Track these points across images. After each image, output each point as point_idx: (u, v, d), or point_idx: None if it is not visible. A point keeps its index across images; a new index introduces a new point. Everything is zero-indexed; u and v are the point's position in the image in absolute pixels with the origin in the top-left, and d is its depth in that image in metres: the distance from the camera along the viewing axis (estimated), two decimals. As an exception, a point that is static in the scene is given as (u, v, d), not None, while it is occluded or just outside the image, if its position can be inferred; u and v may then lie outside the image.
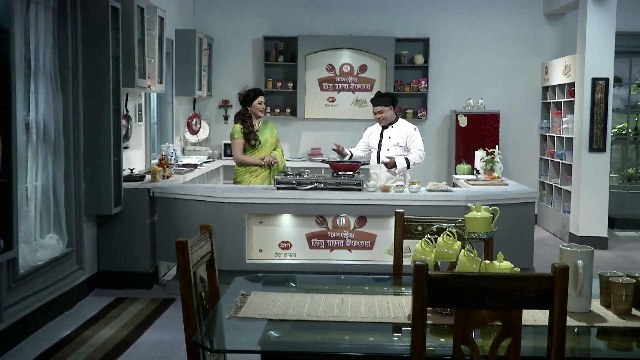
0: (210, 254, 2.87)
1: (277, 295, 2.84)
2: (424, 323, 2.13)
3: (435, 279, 2.12)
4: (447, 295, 2.14)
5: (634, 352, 2.44)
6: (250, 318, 2.54)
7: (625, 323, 2.54)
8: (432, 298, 2.13)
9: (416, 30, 9.93)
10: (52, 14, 5.45)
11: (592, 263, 2.66)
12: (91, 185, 5.96)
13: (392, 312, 2.62)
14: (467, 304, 2.14)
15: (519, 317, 2.14)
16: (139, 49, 6.61)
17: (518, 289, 2.12)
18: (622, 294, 2.62)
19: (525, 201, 6.25)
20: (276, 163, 6.51)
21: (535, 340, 2.40)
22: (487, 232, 2.60)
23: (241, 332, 2.46)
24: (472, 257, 2.58)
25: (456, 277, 2.14)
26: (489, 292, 2.12)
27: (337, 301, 2.76)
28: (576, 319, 2.58)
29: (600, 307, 2.71)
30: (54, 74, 5.46)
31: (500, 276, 2.13)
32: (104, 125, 5.96)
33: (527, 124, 10.10)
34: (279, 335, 2.40)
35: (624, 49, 9.89)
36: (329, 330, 2.49)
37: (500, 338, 2.15)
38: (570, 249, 2.64)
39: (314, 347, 2.36)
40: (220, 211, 6.02)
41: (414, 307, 2.13)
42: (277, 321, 2.52)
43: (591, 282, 2.66)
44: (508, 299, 2.12)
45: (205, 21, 9.92)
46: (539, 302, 2.13)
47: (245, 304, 2.71)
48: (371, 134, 6.77)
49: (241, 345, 2.36)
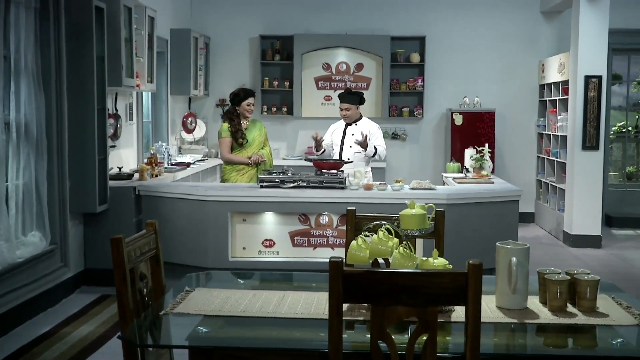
0: (155, 250, 2.90)
1: (220, 292, 2.86)
2: (340, 319, 2.16)
3: (350, 275, 2.14)
4: (363, 291, 2.16)
5: (562, 349, 2.44)
6: (185, 314, 2.57)
7: (556, 320, 2.54)
8: (347, 294, 2.16)
9: (412, 28, 9.92)
10: (33, 14, 5.51)
11: (527, 260, 2.66)
12: (76, 184, 6.02)
13: (327, 309, 2.64)
14: (382, 301, 2.16)
15: (434, 314, 2.16)
16: (126, 49, 6.66)
17: (433, 286, 2.14)
18: (557, 290, 2.62)
19: (508, 199, 6.24)
20: (263, 162, 6.56)
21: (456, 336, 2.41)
22: (420, 229, 2.61)
23: (173, 328, 2.50)
24: (406, 254, 2.59)
25: (370, 273, 2.15)
26: (404, 289, 2.14)
27: (277, 298, 2.79)
28: (510, 315, 2.59)
29: (538, 303, 2.72)
30: (35, 73, 5.53)
31: (415, 273, 2.15)
32: (89, 124, 6.01)
33: (524, 122, 10.06)
34: (207, 330, 2.43)
35: (622, 46, 9.84)
36: (261, 326, 2.51)
37: (417, 334, 2.17)
38: (505, 246, 2.64)
39: (238, 342, 2.38)
40: (203, 209, 6.06)
41: (330, 303, 2.16)
42: (212, 317, 2.55)
43: (527, 279, 2.66)
44: (423, 295, 2.14)
45: (202, 21, 9.98)
46: (453, 299, 2.15)
47: (185, 300, 2.74)
48: (334, 131, 6.82)
49: (168, 341, 2.40)
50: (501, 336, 2.50)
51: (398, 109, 9.98)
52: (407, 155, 10.10)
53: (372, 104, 9.90)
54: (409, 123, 10.07)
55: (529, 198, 10.10)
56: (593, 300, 2.63)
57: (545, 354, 2.34)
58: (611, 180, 10.48)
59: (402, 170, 9.97)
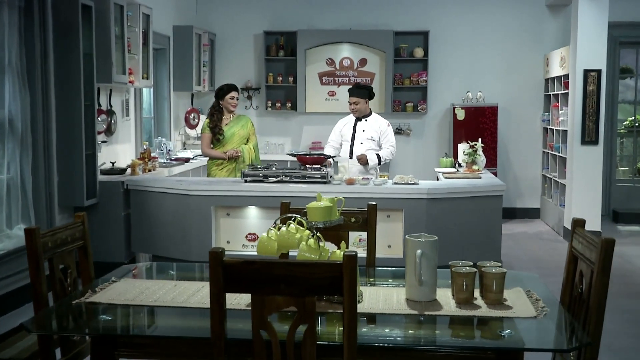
0: (82, 242, 2.99)
1: (143, 282, 2.94)
2: (222, 308, 2.21)
3: (229, 265, 2.19)
4: (242, 281, 2.21)
5: (441, 339, 2.42)
6: (97, 303, 2.65)
7: (457, 312, 2.55)
8: (228, 283, 2.21)
9: (416, 23, 9.90)
10: (17, 12, 5.66)
11: (435, 253, 2.68)
12: (64, 178, 6.17)
13: (234, 299, 2.69)
14: (262, 290, 2.20)
15: (312, 303, 2.20)
16: (117, 46, 6.79)
17: (310, 276, 2.17)
18: (463, 283, 2.64)
19: (491, 194, 6.21)
20: (239, 156, 6.63)
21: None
22: (324, 221, 2.65)
23: (78, 316, 2.57)
24: (312, 247, 2.64)
25: (248, 263, 2.20)
26: (282, 278, 2.18)
27: (194, 288, 2.85)
28: (413, 307, 2.61)
29: (449, 296, 2.74)
30: (20, 70, 5.68)
31: (291, 263, 2.19)
32: (76, 120, 6.15)
33: (529, 117, 9.97)
34: (110, 319, 2.51)
35: (630, 39, 9.69)
36: (166, 315, 2.58)
37: (297, 324, 2.21)
38: (412, 239, 2.67)
39: (137, 330, 2.46)
40: (188, 203, 6.16)
41: (211, 291, 2.21)
42: (123, 306, 2.63)
43: (435, 271, 2.68)
44: (301, 285, 2.18)
45: (207, 18, 10.09)
46: (330, 289, 2.18)
47: (104, 290, 2.82)
48: (344, 126, 6.83)
49: (68, 329, 2.47)
50: (393, 327, 2.51)
51: (402, 104, 9.97)
52: (411, 150, 10.08)
53: (376, 99, 9.87)
54: (413, 118, 10.06)
55: (534, 193, 10.03)
56: (499, 293, 2.64)
57: (414, 345, 2.36)
58: (620, 175, 10.33)
59: (407, 165, 9.96)
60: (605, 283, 2.46)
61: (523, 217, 9.96)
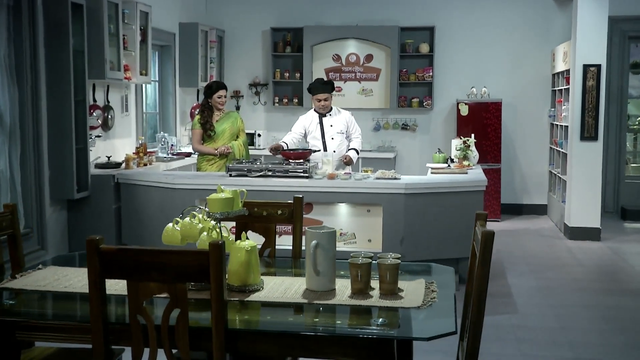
0: (12, 231, 3.13)
1: (65, 270, 3.06)
2: (100, 293, 2.32)
3: (105, 252, 2.30)
4: (118, 267, 2.31)
5: (312, 327, 2.48)
6: (9, 289, 2.78)
7: (347, 302, 2.61)
8: (104, 270, 2.32)
9: (421, 18, 9.90)
10: (6, 10, 5.86)
11: (333, 244, 2.74)
12: (55, 172, 6.37)
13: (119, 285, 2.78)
14: (136, 276, 2.31)
15: (183, 290, 2.29)
16: (111, 43, 6.96)
17: (179, 264, 2.28)
18: (357, 273, 2.70)
19: (472, 190, 6.20)
20: (230, 153, 6.75)
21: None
22: (222, 212, 2.74)
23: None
24: (213, 237, 2.73)
25: (122, 251, 2.31)
26: (154, 266, 2.28)
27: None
28: (307, 296, 2.68)
29: (348, 286, 2.79)
30: (9, 67, 5.88)
31: (160, 251, 2.28)
32: (66, 115, 6.34)
33: (536, 112, 9.89)
34: (13, 303, 2.64)
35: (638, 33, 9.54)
36: (69, 300, 2.70)
37: (170, 309, 2.31)
38: (311, 230, 2.74)
39: (35, 316, 2.59)
40: (173, 197, 6.30)
41: (89, 279, 2.32)
42: (32, 291, 2.75)
43: (333, 262, 2.75)
44: (171, 272, 2.28)
45: (217, 15, 10.24)
46: (198, 276, 2.28)
47: (25, 276, 2.95)
48: (310, 124, 6.87)
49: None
50: (278, 315, 2.60)
51: (407, 100, 9.98)
52: (417, 145, 10.09)
53: (382, 95, 9.96)
54: (419, 114, 10.06)
55: (541, 190, 9.95)
56: (393, 284, 2.69)
57: (294, 331, 2.43)
58: (629, 172, 10.17)
59: (413, 160, 9.99)
60: (485, 274, 2.49)
61: (529, 214, 9.89)
